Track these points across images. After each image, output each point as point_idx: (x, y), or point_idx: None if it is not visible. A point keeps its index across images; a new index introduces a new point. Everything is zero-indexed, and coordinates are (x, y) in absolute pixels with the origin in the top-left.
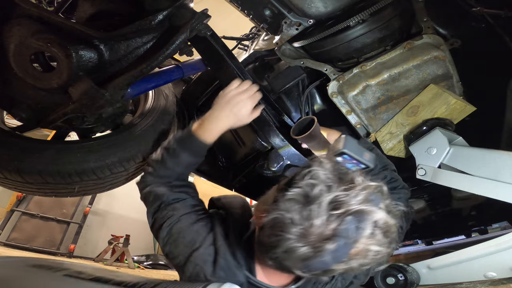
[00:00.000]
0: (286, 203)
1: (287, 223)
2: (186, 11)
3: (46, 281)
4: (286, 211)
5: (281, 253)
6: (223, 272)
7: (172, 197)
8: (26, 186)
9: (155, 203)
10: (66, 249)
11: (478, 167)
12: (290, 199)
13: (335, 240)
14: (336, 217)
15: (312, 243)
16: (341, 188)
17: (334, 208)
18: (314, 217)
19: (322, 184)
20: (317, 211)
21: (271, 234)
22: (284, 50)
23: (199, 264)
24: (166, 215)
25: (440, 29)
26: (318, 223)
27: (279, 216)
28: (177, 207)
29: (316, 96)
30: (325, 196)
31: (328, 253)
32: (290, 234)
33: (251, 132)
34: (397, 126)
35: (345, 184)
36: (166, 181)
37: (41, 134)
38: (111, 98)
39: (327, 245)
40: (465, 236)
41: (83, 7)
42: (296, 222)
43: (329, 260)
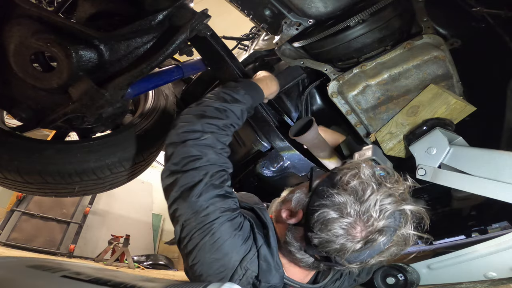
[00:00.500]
0: (339, 198)
1: (342, 218)
2: (186, 11)
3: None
4: (340, 207)
5: (334, 248)
6: (264, 275)
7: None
8: (26, 186)
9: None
10: (66, 249)
11: (478, 167)
12: (342, 196)
13: (386, 232)
14: (387, 212)
15: (365, 237)
16: (388, 187)
17: (385, 204)
18: (369, 212)
19: (372, 183)
20: (371, 207)
21: (323, 230)
22: (284, 50)
23: (250, 268)
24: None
25: (440, 29)
26: (373, 217)
27: (333, 212)
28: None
29: (316, 96)
30: (376, 195)
31: (378, 244)
32: (342, 229)
33: (251, 132)
34: (397, 126)
35: (391, 183)
36: (215, 140)
37: (41, 134)
38: (111, 98)
39: (380, 237)
40: (465, 236)
41: (83, 7)
42: (352, 216)
43: (374, 252)
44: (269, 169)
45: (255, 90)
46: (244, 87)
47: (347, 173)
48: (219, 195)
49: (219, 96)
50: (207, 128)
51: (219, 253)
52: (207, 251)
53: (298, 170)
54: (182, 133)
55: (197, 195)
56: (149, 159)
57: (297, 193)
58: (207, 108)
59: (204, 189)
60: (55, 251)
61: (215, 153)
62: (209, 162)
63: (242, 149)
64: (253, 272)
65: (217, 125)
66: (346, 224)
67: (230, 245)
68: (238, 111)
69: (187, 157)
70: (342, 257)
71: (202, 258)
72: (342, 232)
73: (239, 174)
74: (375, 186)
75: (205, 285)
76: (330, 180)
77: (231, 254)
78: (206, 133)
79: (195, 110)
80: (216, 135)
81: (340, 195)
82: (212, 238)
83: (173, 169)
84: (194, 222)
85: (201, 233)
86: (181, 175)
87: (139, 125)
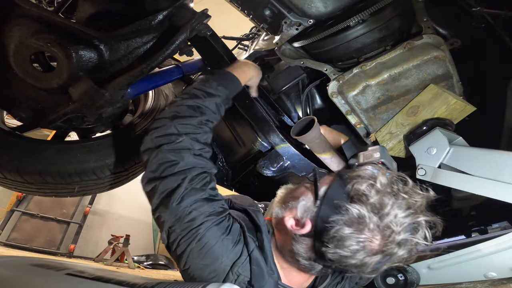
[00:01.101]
0: (357, 212)
1: (361, 234)
2: (186, 11)
3: (49, 280)
4: (358, 222)
5: (353, 263)
6: (257, 280)
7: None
8: (26, 186)
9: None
10: (66, 249)
11: (478, 167)
12: (360, 210)
13: (405, 245)
14: (405, 225)
15: (384, 250)
16: (406, 198)
17: (403, 217)
18: (389, 227)
19: (390, 195)
20: (391, 221)
21: (341, 247)
22: (284, 50)
23: (242, 274)
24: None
25: (440, 29)
26: (393, 232)
27: (351, 228)
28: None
29: (316, 96)
30: (395, 206)
31: (397, 257)
32: (365, 244)
33: (251, 132)
34: (397, 126)
35: (407, 194)
36: (191, 141)
37: (41, 134)
38: (111, 98)
39: (399, 250)
40: (465, 236)
41: (83, 7)
42: (371, 231)
43: (389, 261)
44: (269, 169)
45: (229, 79)
46: (216, 79)
47: (361, 182)
48: (202, 199)
49: (190, 94)
50: (181, 129)
51: (208, 259)
52: (196, 257)
53: (298, 170)
54: (156, 138)
55: (177, 200)
56: None
57: (302, 201)
58: (179, 108)
59: (185, 194)
60: (55, 251)
61: (193, 156)
62: (187, 166)
63: (242, 149)
64: (246, 277)
65: (192, 124)
66: (365, 239)
67: (218, 250)
68: (212, 106)
69: (163, 163)
70: (360, 270)
71: (192, 263)
72: (361, 248)
73: (239, 174)
74: (393, 198)
75: (205, 285)
76: (342, 189)
77: (221, 259)
78: (181, 135)
79: (168, 112)
80: (192, 135)
81: (357, 209)
82: (199, 244)
83: (151, 177)
84: (179, 229)
85: (187, 239)
86: (159, 182)
87: (139, 125)
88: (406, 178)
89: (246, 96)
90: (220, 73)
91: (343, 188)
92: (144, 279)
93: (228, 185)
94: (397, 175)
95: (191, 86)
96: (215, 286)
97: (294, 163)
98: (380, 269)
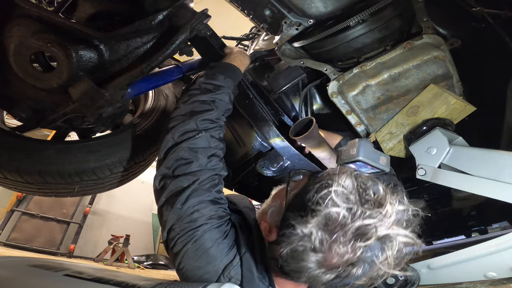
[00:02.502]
0: (304, 229)
1: (309, 252)
2: (186, 11)
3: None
4: (306, 238)
5: (307, 277)
6: (248, 285)
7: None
8: (26, 186)
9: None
10: (66, 249)
11: (478, 167)
12: (309, 226)
13: (360, 265)
14: (362, 244)
15: (336, 270)
16: (367, 214)
17: (359, 235)
18: (339, 246)
19: (344, 209)
20: (342, 239)
21: (291, 262)
22: (284, 50)
23: (233, 277)
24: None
25: (440, 29)
26: (342, 251)
27: (299, 245)
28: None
29: (316, 96)
30: (349, 223)
31: (353, 276)
32: (312, 263)
33: (251, 132)
34: (397, 126)
35: (370, 207)
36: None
37: (41, 134)
38: (111, 98)
39: (353, 269)
40: (465, 236)
41: (83, 7)
42: (318, 250)
43: (352, 281)
44: (269, 169)
45: (232, 70)
46: (222, 71)
47: (319, 190)
48: (206, 201)
49: (201, 89)
50: (201, 125)
51: (202, 261)
52: (190, 257)
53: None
54: (177, 135)
55: (182, 201)
56: (149, 159)
57: (272, 207)
58: (194, 104)
59: (191, 195)
60: (55, 251)
61: (208, 157)
62: (200, 167)
63: (242, 149)
64: (237, 281)
65: (210, 119)
66: (317, 258)
67: (213, 253)
68: (226, 97)
69: (178, 159)
70: (316, 285)
71: (186, 264)
72: (312, 266)
73: (239, 174)
74: (350, 210)
75: (205, 285)
76: (302, 199)
77: (214, 262)
78: (200, 131)
79: (183, 109)
80: (210, 131)
81: (307, 226)
82: (195, 246)
83: (164, 173)
84: (178, 228)
85: (184, 239)
86: (170, 181)
87: (139, 125)
88: (378, 183)
89: (246, 96)
90: (222, 66)
91: (304, 199)
92: (144, 280)
93: (228, 185)
94: (367, 179)
95: (199, 82)
96: (215, 286)
97: (294, 163)
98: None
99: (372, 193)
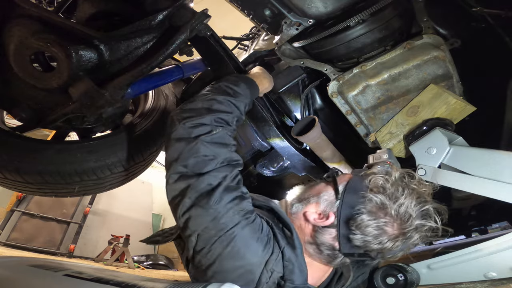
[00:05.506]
0: (378, 200)
1: (382, 219)
2: (186, 11)
3: (47, 281)
4: (380, 208)
5: (376, 247)
6: (289, 275)
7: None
8: (26, 186)
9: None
10: (66, 249)
11: (478, 167)
12: (380, 198)
13: (421, 229)
14: (418, 211)
15: (403, 235)
16: (415, 188)
17: (417, 204)
18: (406, 212)
19: (403, 185)
20: (408, 207)
21: (365, 231)
22: (284, 50)
23: (275, 270)
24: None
25: (440, 29)
26: (411, 217)
27: (373, 214)
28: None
29: (316, 96)
30: (409, 195)
31: (414, 240)
32: (386, 229)
33: (251, 132)
34: (397, 126)
35: (416, 185)
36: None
37: (41, 134)
38: (111, 98)
39: (416, 235)
40: (465, 236)
41: (83, 7)
42: (391, 216)
43: (406, 247)
44: (269, 169)
45: (252, 85)
46: (244, 81)
47: (377, 177)
48: (236, 197)
49: (221, 90)
50: (216, 122)
51: (243, 260)
52: (230, 259)
53: (298, 170)
54: (191, 128)
55: (216, 201)
56: (149, 159)
57: (324, 195)
58: (212, 102)
59: (223, 194)
60: (55, 251)
61: (229, 152)
62: (224, 163)
63: (242, 149)
64: (279, 273)
65: (226, 119)
66: (386, 224)
67: (253, 250)
68: (242, 105)
69: (199, 156)
70: (382, 255)
71: (225, 266)
72: (383, 232)
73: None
74: (406, 189)
75: (205, 285)
76: (360, 183)
77: (255, 258)
78: (216, 127)
79: (201, 103)
80: (225, 129)
81: (378, 197)
82: (235, 246)
83: (183, 172)
84: (214, 230)
85: (222, 241)
86: (195, 180)
87: (139, 125)
88: (413, 173)
89: None
90: (245, 78)
91: (362, 183)
92: (144, 280)
93: None
94: (405, 171)
95: (220, 83)
96: (215, 286)
97: (294, 163)
98: (397, 254)
99: (412, 178)
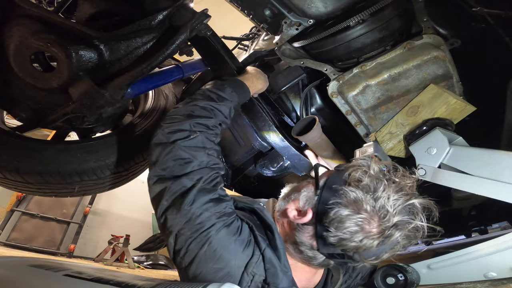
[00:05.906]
0: (353, 195)
1: (358, 215)
2: (186, 11)
3: (47, 281)
4: (355, 203)
5: (352, 246)
6: (272, 278)
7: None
8: (26, 186)
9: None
10: (66, 249)
11: (478, 167)
12: (356, 192)
13: (401, 226)
14: (399, 206)
15: (382, 232)
16: (398, 182)
17: (397, 199)
18: (384, 208)
19: (383, 179)
20: (385, 202)
21: (340, 228)
22: (284, 50)
23: (257, 273)
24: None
25: (440, 29)
26: (388, 213)
27: (348, 209)
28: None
29: (316, 96)
30: (388, 189)
31: (395, 239)
32: (363, 225)
33: (251, 132)
34: (397, 126)
35: (399, 178)
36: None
37: (41, 134)
38: (111, 98)
39: (396, 232)
40: (465, 236)
41: (83, 7)
42: (368, 212)
43: (389, 246)
44: (269, 169)
45: (241, 88)
46: (230, 85)
47: (356, 170)
48: (212, 200)
49: (205, 95)
50: (195, 127)
51: (221, 262)
52: (208, 261)
53: (298, 170)
54: (170, 133)
55: (190, 202)
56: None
57: (304, 192)
58: (194, 107)
59: (198, 195)
60: (55, 251)
61: (206, 155)
62: (200, 165)
63: (242, 149)
64: (261, 276)
65: (206, 124)
66: (362, 221)
67: (231, 252)
68: (225, 110)
69: (176, 159)
70: (359, 254)
71: (203, 269)
72: (359, 229)
73: (239, 174)
74: (385, 181)
75: (205, 285)
76: (339, 177)
77: (234, 261)
78: (195, 132)
79: (182, 110)
80: (205, 134)
81: (354, 192)
82: (211, 247)
83: (161, 175)
84: (189, 232)
85: (197, 242)
86: (171, 182)
87: (139, 125)
88: (396, 165)
89: None
90: (233, 81)
91: (341, 177)
92: (143, 280)
93: (228, 185)
94: (387, 163)
95: (205, 88)
96: (215, 286)
97: (294, 163)
98: (381, 256)
99: (396, 170)
